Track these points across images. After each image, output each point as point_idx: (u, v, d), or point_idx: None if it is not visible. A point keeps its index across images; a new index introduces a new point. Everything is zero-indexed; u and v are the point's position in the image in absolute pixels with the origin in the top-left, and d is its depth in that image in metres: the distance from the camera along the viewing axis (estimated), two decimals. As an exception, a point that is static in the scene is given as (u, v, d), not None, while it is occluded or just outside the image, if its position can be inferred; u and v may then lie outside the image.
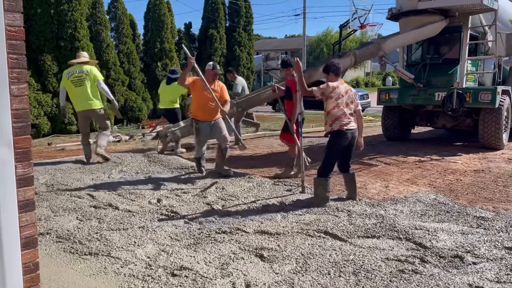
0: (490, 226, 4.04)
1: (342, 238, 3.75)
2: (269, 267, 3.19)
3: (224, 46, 20.01)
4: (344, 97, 4.72)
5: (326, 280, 2.96)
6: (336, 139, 4.73)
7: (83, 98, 6.99)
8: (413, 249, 3.52)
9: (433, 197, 5.07)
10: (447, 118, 9.36)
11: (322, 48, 44.75)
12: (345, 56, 8.61)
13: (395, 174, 6.51)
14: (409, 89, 9.13)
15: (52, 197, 5.10)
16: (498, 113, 8.46)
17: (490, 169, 6.81)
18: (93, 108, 7.04)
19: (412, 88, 9.02)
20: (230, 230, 3.95)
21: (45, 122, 11.54)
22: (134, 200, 5.00)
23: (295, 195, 5.15)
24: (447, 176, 6.37)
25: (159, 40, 16.07)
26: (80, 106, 7.08)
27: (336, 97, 4.69)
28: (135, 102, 14.49)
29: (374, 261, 3.26)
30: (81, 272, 3.15)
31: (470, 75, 9.22)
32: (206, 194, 5.22)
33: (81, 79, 6.95)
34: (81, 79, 6.95)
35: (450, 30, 8.70)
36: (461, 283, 2.91)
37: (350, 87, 4.88)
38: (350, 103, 4.76)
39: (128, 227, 4.05)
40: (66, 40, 12.17)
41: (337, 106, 4.68)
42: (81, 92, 6.97)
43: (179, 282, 2.95)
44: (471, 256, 3.36)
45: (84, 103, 7.03)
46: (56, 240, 3.75)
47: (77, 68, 7.04)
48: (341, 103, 4.69)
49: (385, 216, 4.32)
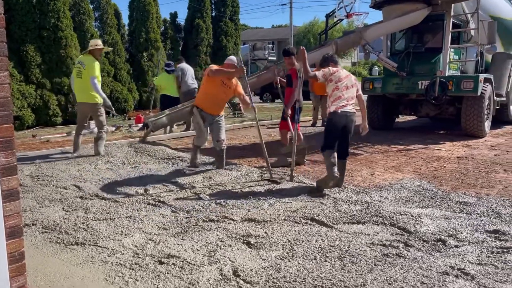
0: (472, 211, 4.13)
1: (328, 224, 3.80)
2: (256, 253, 3.23)
3: (211, 36, 19.87)
4: (344, 81, 4.85)
5: (312, 265, 3.01)
6: (331, 119, 4.84)
7: (80, 90, 6.92)
8: (398, 234, 3.59)
9: (418, 184, 5.16)
10: (431, 106, 9.46)
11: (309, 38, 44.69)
12: (327, 45, 8.62)
13: (381, 162, 6.59)
14: (393, 78, 9.18)
15: (37, 188, 5.05)
16: (480, 101, 8.55)
17: (473, 156, 6.93)
18: (89, 102, 6.91)
19: (396, 77, 9.07)
20: (217, 218, 3.97)
21: (28, 114, 11.38)
22: (121, 190, 4.98)
23: (283, 184, 5.18)
24: (431, 163, 6.47)
25: (145, 30, 15.90)
26: (78, 98, 7.05)
27: (335, 80, 4.84)
28: (121, 93, 14.36)
29: (359, 246, 3.32)
30: (68, 261, 3.14)
31: (452, 63, 9.31)
32: (194, 184, 5.22)
33: (80, 71, 6.86)
34: (80, 71, 6.86)
35: (433, 18, 8.74)
36: (444, 266, 2.98)
37: (350, 74, 5.04)
38: (350, 86, 4.88)
39: (115, 217, 4.04)
40: (48, 30, 11.97)
41: (336, 88, 4.83)
42: (80, 84, 6.90)
43: (166, 270, 2.97)
44: (454, 239, 3.43)
45: (81, 95, 6.94)
46: (42, 231, 3.73)
47: (82, 58, 6.97)
48: (340, 85, 4.83)
49: (370, 203, 4.38)
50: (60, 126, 11.75)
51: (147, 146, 7.67)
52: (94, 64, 6.87)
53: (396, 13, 8.52)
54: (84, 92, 6.87)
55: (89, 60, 6.86)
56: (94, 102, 6.91)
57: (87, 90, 6.85)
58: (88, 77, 6.80)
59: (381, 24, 8.78)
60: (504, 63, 10.18)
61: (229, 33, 20.81)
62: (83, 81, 6.83)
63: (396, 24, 8.61)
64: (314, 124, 11.35)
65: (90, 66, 6.81)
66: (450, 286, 2.69)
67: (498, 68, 10.07)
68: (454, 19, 9.02)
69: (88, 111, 7.07)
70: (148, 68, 15.89)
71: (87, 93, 6.86)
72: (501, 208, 4.18)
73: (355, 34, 8.68)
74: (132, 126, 11.05)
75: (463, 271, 2.88)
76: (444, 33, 8.87)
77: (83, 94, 6.91)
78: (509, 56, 10.43)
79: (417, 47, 9.26)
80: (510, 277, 2.82)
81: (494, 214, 4.03)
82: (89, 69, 6.80)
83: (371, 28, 8.71)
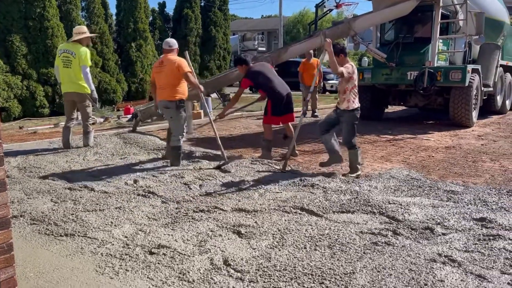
0: (460, 199, 4.18)
1: (318, 214, 3.83)
2: (246, 243, 3.24)
3: (200, 26, 19.70)
4: (356, 79, 5.10)
5: (302, 254, 3.03)
6: (357, 114, 5.14)
7: (69, 80, 6.64)
8: (386, 222, 3.63)
9: (406, 173, 5.21)
10: (419, 97, 9.54)
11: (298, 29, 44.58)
12: (315, 36, 8.60)
13: (370, 152, 6.63)
14: (382, 69, 9.22)
15: (25, 180, 5.00)
16: (468, 92, 8.64)
17: (461, 146, 7.01)
18: (78, 91, 6.69)
19: (385, 68, 9.12)
20: (207, 208, 3.97)
21: (15, 105, 11.21)
22: (110, 182, 4.95)
23: (273, 174, 5.20)
24: (420, 153, 6.53)
25: (133, 20, 15.69)
26: (65, 87, 6.74)
27: (355, 78, 5.05)
28: (109, 84, 14.19)
29: (348, 235, 3.35)
30: (57, 253, 3.12)
31: (441, 54, 9.37)
32: (183, 175, 5.21)
33: (69, 60, 6.59)
34: (69, 60, 6.59)
35: (422, 9, 8.76)
36: (431, 253, 3.02)
37: None
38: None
39: (105, 208, 4.02)
40: (34, 20, 11.76)
41: (355, 86, 5.06)
42: (67, 73, 6.62)
43: (157, 260, 2.97)
44: (441, 227, 3.48)
45: (70, 85, 6.67)
46: (30, 222, 3.70)
47: (68, 46, 6.69)
48: (356, 83, 5.09)
49: (359, 192, 4.42)
50: (48, 117, 11.60)
51: (136, 137, 7.62)
52: (86, 52, 6.66)
53: (386, 4, 8.51)
54: (74, 82, 6.64)
55: (79, 48, 6.63)
56: (84, 92, 6.71)
57: (77, 80, 6.63)
58: (78, 66, 6.58)
59: (370, 15, 8.78)
60: (491, 54, 10.28)
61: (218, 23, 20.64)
62: (73, 71, 6.60)
63: (385, 15, 8.61)
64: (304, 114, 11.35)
65: (81, 55, 6.59)
66: (437, 273, 2.74)
67: (485, 59, 10.17)
68: (443, 10, 9.05)
69: (76, 101, 6.86)
70: (137, 58, 15.71)
71: (77, 83, 6.65)
72: (488, 197, 4.25)
73: (343, 24, 8.67)
74: (121, 117, 10.96)
75: (451, 258, 2.93)
76: (433, 24, 8.90)
77: (72, 84, 6.67)
78: (497, 47, 10.53)
79: (406, 37, 9.29)
80: (496, 263, 2.87)
81: (480, 202, 4.09)
82: (80, 58, 6.58)
83: (360, 19, 8.71)
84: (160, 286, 2.64)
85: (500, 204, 4.03)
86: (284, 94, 6.00)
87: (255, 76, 6.03)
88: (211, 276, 2.74)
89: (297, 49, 8.57)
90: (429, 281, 2.65)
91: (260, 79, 6.01)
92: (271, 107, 6.04)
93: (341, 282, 2.64)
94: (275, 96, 5.98)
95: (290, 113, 6.15)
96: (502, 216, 3.71)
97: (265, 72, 6.08)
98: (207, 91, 8.29)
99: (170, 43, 5.72)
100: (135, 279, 2.73)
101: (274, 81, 6.01)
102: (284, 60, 8.68)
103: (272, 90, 5.97)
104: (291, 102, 6.15)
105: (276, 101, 5.98)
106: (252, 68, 6.12)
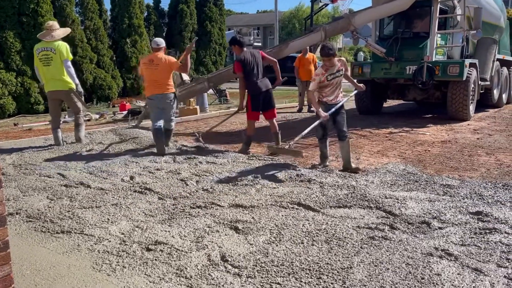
0: (456, 193, 4.20)
1: (314, 209, 3.83)
2: (243, 238, 3.24)
3: (195, 22, 19.60)
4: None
5: (299, 249, 3.03)
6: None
7: (53, 77, 6.43)
8: (383, 217, 3.63)
9: (403, 168, 5.22)
10: (418, 91, 9.59)
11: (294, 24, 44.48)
12: (316, 31, 8.60)
13: (366, 146, 6.64)
14: (381, 63, 9.28)
15: (20, 177, 4.97)
16: (465, 86, 8.72)
17: (457, 140, 7.04)
18: (61, 89, 6.50)
19: (384, 62, 9.17)
20: (204, 204, 3.96)
21: (9, 102, 11.14)
22: (106, 178, 4.93)
23: (270, 169, 5.19)
24: (416, 147, 6.55)
25: (127, 15, 15.59)
26: (48, 86, 6.52)
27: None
28: (104, 80, 14.11)
29: (345, 230, 3.36)
30: (54, 250, 3.11)
31: (439, 48, 9.40)
32: (180, 171, 5.20)
33: (48, 58, 6.37)
34: (49, 58, 6.37)
35: (420, 4, 8.79)
36: (428, 247, 3.03)
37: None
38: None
39: (101, 205, 4.01)
40: (28, 16, 11.67)
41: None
42: (48, 71, 6.41)
43: (154, 256, 2.96)
44: (438, 221, 3.49)
45: (52, 83, 6.47)
46: (26, 220, 3.68)
47: (46, 44, 6.43)
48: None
49: (356, 187, 4.42)
50: (43, 114, 11.53)
51: (132, 134, 7.59)
52: (66, 46, 6.50)
53: None
54: (57, 79, 6.44)
55: (57, 43, 6.43)
56: (68, 88, 6.53)
57: (60, 76, 6.43)
58: (60, 62, 6.39)
59: (369, 10, 8.79)
60: (488, 48, 10.32)
61: (214, 18, 20.54)
62: (54, 67, 6.39)
63: (385, 10, 8.65)
64: (300, 109, 11.37)
65: (61, 49, 6.41)
66: (434, 267, 2.75)
67: (482, 53, 10.23)
68: (441, 5, 9.10)
69: (62, 99, 6.72)
70: (132, 54, 15.63)
71: (61, 80, 6.45)
72: (484, 190, 4.27)
73: (344, 20, 8.69)
74: (117, 114, 10.91)
75: (447, 252, 2.94)
76: (432, 19, 8.95)
77: (56, 82, 6.46)
78: (494, 41, 10.57)
79: (405, 32, 9.34)
80: (492, 257, 2.88)
81: (476, 196, 4.11)
82: (61, 52, 6.39)
83: (360, 14, 8.73)
84: (157, 283, 2.64)
85: (496, 197, 4.05)
86: (263, 90, 6.05)
87: (245, 64, 6.04)
88: (209, 272, 2.74)
89: (298, 44, 8.66)
90: (426, 275, 2.66)
91: (247, 69, 6.04)
92: (250, 102, 6.11)
93: (339, 277, 2.64)
94: (254, 91, 6.05)
95: (271, 109, 6.23)
96: (498, 209, 3.72)
97: (253, 63, 6.07)
98: (209, 85, 8.43)
99: (158, 42, 6.19)
100: (132, 276, 2.72)
101: (257, 75, 6.05)
102: (285, 55, 8.86)
103: (253, 84, 6.02)
104: (271, 98, 6.22)
105: (255, 96, 6.06)
106: (246, 54, 6.09)
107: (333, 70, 4.99)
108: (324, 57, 4.93)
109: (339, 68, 5.03)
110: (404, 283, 2.57)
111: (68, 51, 6.53)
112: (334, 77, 5.03)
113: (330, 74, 4.98)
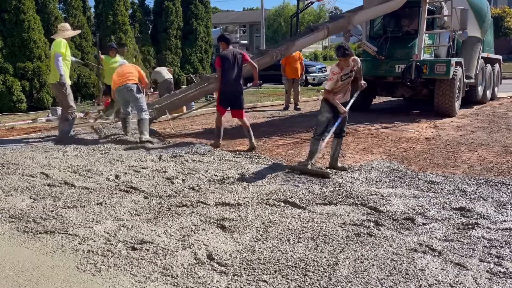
0: (440, 190, 4.26)
1: (301, 206, 3.85)
2: (230, 236, 3.24)
3: (181, 19, 19.44)
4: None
5: (286, 246, 3.04)
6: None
7: (50, 71, 7.04)
8: (368, 213, 3.67)
9: (388, 165, 5.27)
10: (406, 88, 9.82)
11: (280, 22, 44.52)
12: (319, 30, 8.70)
13: (352, 144, 6.69)
14: (372, 61, 9.50)
15: (2, 177, 4.88)
16: (452, 84, 9.03)
17: (440, 137, 7.13)
18: (51, 82, 6.93)
19: (375, 60, 9.41)
20: (190, 203, 3.95)
21: (-9, 101, 10.93)
22: (91, 177, 4.87)
23: (256, 167, 5.19)
24: (401, 144, 6.62)
25: (112, 12, 15.38)
26: (48, 80, 7.23)
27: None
28: (89, 78, 13.93)
29: (331, 227, 3.38)
30: (37, 251, 3.06)
31: (427, 47, 9.61)
32: (166, 169, 5.16)
33: (50, 55, 6.93)
34: (51, 55, 6.92)
35: (409, 4, 8.97)
36: (412, 243, 3.07)
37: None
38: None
39: (86, 204, 3.96)
40: (10, 13, 11.42)
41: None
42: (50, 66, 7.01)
43: (140, 256, 2.94)
44: (422, 217, 3.54)
45: (50, 76, 7.01)
46: (8, 220, 3.62)
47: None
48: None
49: (342, 184, 4.45)
50: (26, 112, 11.34)
51: (117, 132, 7.52)
52: (60, 41, 6.80)
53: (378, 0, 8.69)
54: (51, 73, 6.91)
55: (56, 41, 6.83)
56: (55, 82, 6.84)
57: (52, 70, 6.86)
58: (53, 57, 6.74)
59: (369, 9, 8.94)
60: (473, 47, 10.56)
61: (200, 16, 20.39)
62: (50, 62, 6.92)
63: (382, 9, 8.86)
64: (287, 107, 11.38)
65: (55, 44, 6.77)
66: (418, 262, 2.78)
67: (468, 52, 10.48)
68: (429, 6, 9.34)
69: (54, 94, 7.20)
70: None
71: (52, 74, 6.88)
72: (466, 186, 4.34)
73: (344, 19, 8.86)
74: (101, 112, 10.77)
75: (431, 248, 2.98)
76: (420, 19, 9.14)
77: (51, 76, 6.94)
78: (478, 40, 10.80)
79: (394, 31, 9.55)
80: (475, 252, 2.93)
81: (459, 192, 4.17)
82: (55, 47, 6.76)
83: (359, 13, 8.92)
84: (143, 282, 2.62)
85: (479, 193, 4.12)
86: (230, 89, 6.28)
87: (225, 61, 6.25)
88: (195, 271, 2.73)
89: (304, 42, 8.76)
90: (410, 270, 2.69)
91: (225, 66, 6.25)
92: (218, 96, 6.48)
93: (325, 274, 2.66)
94: (223, 87, 6.33)
95: (237, 109, 6.36)
96: (480, 205, 3.79)
97: (232, 62, 6.26)
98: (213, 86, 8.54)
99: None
100: (117, 276, 2.70)
101: (230, 74, 6.22)
102: (292, 53, 9.19)
103: (224, 81, 6.27)
104: (237, 100, 6.34)
105: (222, 92, 6.36)
106: (228, 51, 6.32)
107: (347, 70, 5.01)
108: (341, 57, 4.93)
109: (352, 68, 5.06)
110: (389, 278, 2.60)
111: (61, 46, 6.77)
112: (348, 77, 5.07)
113: (344, 74, 5.01)
